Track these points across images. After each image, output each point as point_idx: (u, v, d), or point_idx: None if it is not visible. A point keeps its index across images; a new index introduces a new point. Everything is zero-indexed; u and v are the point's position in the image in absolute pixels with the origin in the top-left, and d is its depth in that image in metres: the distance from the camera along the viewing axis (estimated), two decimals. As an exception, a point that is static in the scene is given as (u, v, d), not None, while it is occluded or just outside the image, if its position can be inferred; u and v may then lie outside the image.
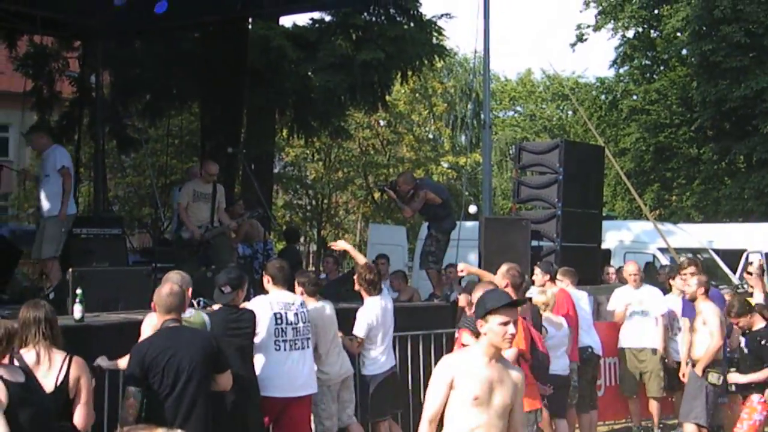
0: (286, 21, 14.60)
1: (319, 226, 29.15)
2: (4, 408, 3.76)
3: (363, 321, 6.75)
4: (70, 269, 6.92)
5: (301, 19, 14.99)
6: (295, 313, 6.07)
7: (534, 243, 9.93)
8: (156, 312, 4.96)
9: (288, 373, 5.99)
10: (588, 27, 27.79)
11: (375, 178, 27.53)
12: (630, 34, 27.08)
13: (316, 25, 14.01)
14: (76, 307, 6.03)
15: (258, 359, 5.99)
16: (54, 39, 13.56)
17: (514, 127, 40.10)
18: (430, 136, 33.23)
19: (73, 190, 8.82)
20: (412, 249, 19.82)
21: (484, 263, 8.86)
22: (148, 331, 5.14)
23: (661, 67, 27.76)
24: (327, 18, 14.01)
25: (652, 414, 8.92)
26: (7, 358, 4.06)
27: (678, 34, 25.60)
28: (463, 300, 7.43)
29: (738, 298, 7.89)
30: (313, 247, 30.83)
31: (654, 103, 26.60)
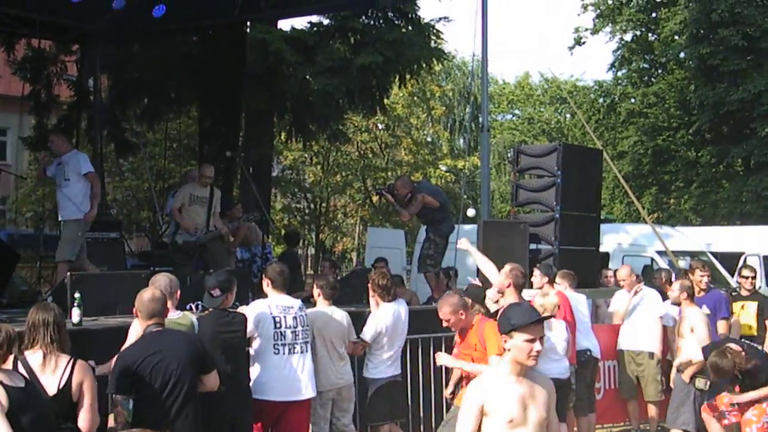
0: (285, 25, 14.60)
1: (318, 229, 29.15)
2: (5, 410, 3.77)
3: (372, 326, 6.70)
4: (69, 272, 6.94)
5: (300, 22, 15.07)
6: (294, 317, 6.04)
7: (532, 246, 9.91)
8: (138, 318, 4.94)
9: (286, 377, 5.96)
10: (586, 30, 27.82)
11: (373, 182, 27.53)
12: (628, 37, 27.09)
13: (315, 28, 14.01)
14: (75, 310, 6.04)
15: (256, 363, 5.98)
16: (52, 42, 13.59)
17: (513, 131, 40.18)
18: (429, 140, 33.26)
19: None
20: (410, 252, 19.84)
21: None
22: (133, 338, 5.14)
23: (659, 71, 27.75)
24: (325, 22, 14.01)
25: (650, 418, 8.90)
26: (9, 362, 4.07)
27: (676, 37, 25.61)
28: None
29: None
30: (311, 251, 30.81)
31: (652, 106, 26.60)
